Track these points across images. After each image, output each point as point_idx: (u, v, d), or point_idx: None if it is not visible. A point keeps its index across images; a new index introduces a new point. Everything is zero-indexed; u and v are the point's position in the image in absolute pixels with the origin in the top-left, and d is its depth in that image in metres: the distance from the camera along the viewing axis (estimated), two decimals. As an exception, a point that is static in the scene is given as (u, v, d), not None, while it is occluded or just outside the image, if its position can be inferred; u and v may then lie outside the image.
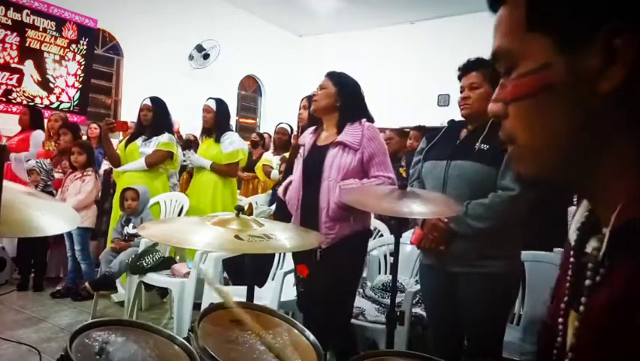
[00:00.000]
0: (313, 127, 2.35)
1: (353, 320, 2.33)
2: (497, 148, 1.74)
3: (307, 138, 2.32)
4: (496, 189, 1.77)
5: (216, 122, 3.73)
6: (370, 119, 2.23)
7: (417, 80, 8.59)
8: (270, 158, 4.64)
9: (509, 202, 1.73)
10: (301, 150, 2.31)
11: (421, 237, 1.90)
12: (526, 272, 2.32)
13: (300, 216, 2.23)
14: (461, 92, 1.89)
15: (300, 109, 2.95)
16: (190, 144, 4.97)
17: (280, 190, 2.41)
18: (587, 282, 0.45)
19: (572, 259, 0.52)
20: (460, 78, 1.91)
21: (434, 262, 1.92)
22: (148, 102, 3.77)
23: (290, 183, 2.34)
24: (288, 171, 3.26)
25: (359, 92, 2.26)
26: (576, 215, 0.55)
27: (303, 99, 2.98)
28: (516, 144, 0.49)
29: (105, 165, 4.55)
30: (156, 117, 3.75)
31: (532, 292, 2.34)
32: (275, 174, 4.36)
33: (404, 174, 3.49)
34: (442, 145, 1.95)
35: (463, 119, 1.94)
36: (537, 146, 0.48)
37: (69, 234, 3.71)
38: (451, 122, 2.05)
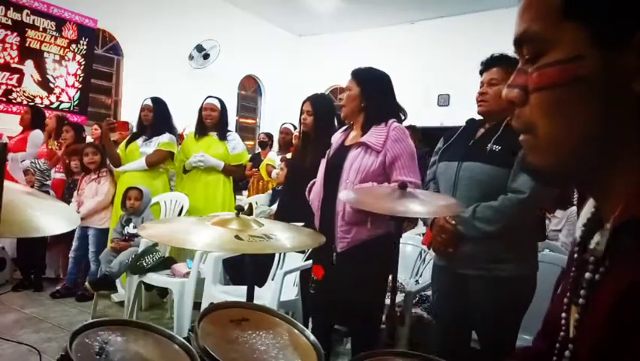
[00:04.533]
0: (345, 126, 2.25)
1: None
2: (509, 149, 1.70)
3: (336, 138, 2.22)
4: (506, 192, 1.73)
5: (221, 121, 3.74)
6: (399, 117, 2.12)
7: (417, 80, 8.58)
8: (274, 158, 4.65)
9: (519, 205, 1.69)
10: (329, 150, 2.21)
11: (431, 238, 1.89)
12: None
13: (319, 218, 2.15)
14: (480, 87, 1.85)
15: (303, 113, 2.86)
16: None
17: (307, 190, 2.31)
18: (587, 275, 0.46)
19: (575, 255, 0.52)
20: (481, 73, 1.86)
21: (445, 264, 1.90)
22: (149, 102, 3.78)
23: (314, 183, 2.25)
24: (290, 171, 3.25)
25: (386, 89, 2.15)
26: (583, 211, 0.55)
27: (304, 103, 2.90)
28: (534, 134, 0.48)
29: None
30: (157, 117, 3.75)
31: (532, 292, 2.33)
32: (275, 172, 4.36)
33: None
34: (456, 145, 1.91)
35: (481, 117, 1.90)
36: (557, 138, 0.46)
37: (83, 235, 3.71)
38: (470, 121, 1.99)
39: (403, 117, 2.15)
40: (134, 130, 4.11)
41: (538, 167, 0.49)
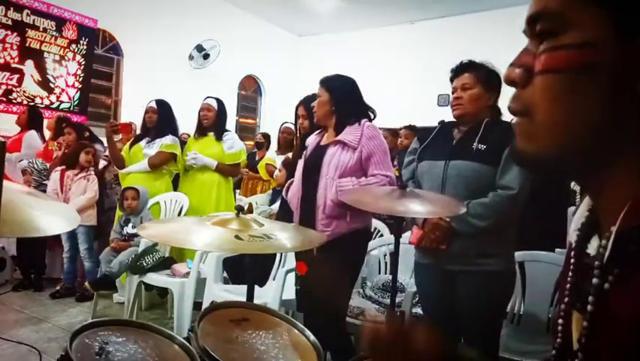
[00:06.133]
0: (320, 130, 2.38)
1: (353, 320, 2.33)
2: (494, 148, 1.78)
3: (312, 139, 2.36)
4: (494, 189, 1.79)
5: (217, 121, 3.74)
6: (369, 117, 2.26)
7: (417, 80, 8.58)
8: (274, 157, 4.64)
9: (509, 201, 1.75)
10: (305, 151, 2.35)
11: (422, 236, 1.91)
12: (526, 272, 2.32)
13: (299, 215, 2.26)
14: (453, 92, 1.92)
15: (299, 118, 2.90)
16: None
17: (284, 191, 2.45)
18: (595, 281, 0.44)
19: (572, 260, 0.51)
20: (452, 80, 1.94)
21: (432, 261, 1.93)
22: (153, 105, 3.80)
23: (292, 183, 2.37)
24: (290, 172, 3.25)
25: (353, 92, 2.28)
26: (576, 215, 0.53)
27: (298, 107, 2.93)
28: (530, 118, 0.45)
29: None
30: (161, 119, 3.77)
31: (531, 291, 2.34)
32: (277, 173, 4.35)
33: (397, 173, 3.48)
34: (437, 145, 1.97)
35: (454, 120, 1.97)
36: (556, 125, 0.44)
37: (72, 234, 3.72)
38: (442, 122, 2.07)
39: (372, 116, 2.29)
40: (137, 132, 4.11)
41: (528, 153, 0.47)
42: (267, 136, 6.11)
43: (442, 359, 0.60)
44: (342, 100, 2.23)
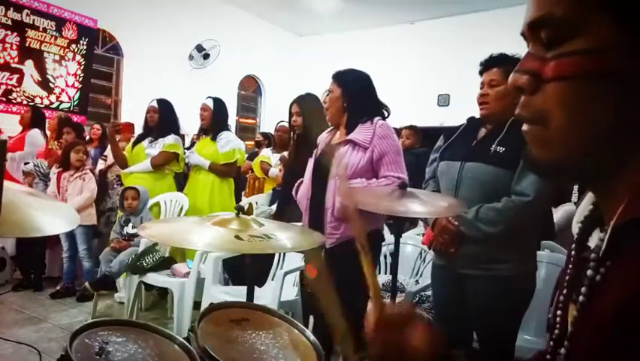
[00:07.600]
0: (331, 127, 2.30)
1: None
2: (513, 151, 1.68)
3: (323, 138, 2.28)
4: (509, 193, 1.72)
5: (213, 121, 3.74)
6: (382, 115, 2.17)
7: (417, 80, 8.58)
8: (269, 155, 4.63)
9: (523, 208, 1.68)
10: (316, 150, 2.27)
11: (433, 238, 1.88)
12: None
13: (308, 216, 2.19)
14: (481, 88, 1.83)
15: (292, 116, 2.89)
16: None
17: (294, 190, 2.38)
18: (589, 273, 0.44)
19: (572, 252, 0.51)
20: (481, 73, 1.84)
21: (445, 263, 1.89)
22: (155, 104, 3.80)
23: (301, 183, 2.30)
24: (287, 171, 3.26)
25: (367, 88, 2.18)
26: (579, 208, 0.53)
27: (292, 105, 2.92)
28: (544, 125, 0.45)
29: (100, 164, 4.53)
30: (162, 119, 3.77)
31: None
32: (273, 171, 4.35)
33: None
34: (458, 145, 1.90)
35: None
36: (571, 131, 0.43)
37: (70, 234, 3.72)
38: (471, 119, 1.97)
39: (386, 114, 2.20)
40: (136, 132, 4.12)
41: (542, 160, 0.47)
42: (265, 135, 6.10)
43: (434, 358, 0.60)
44: (355, 96, 2.13)
